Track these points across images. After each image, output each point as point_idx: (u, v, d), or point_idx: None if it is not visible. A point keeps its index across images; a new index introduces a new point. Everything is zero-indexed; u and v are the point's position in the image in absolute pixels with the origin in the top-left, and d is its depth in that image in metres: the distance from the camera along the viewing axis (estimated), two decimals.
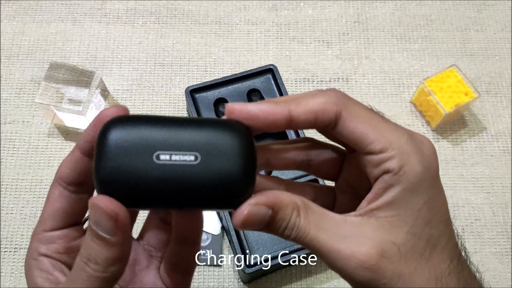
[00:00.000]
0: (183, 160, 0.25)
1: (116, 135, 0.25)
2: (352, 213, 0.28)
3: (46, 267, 0.28)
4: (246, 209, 0.25)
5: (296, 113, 0.27)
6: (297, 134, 0.64)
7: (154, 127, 0.25)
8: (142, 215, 0.37)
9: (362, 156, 0.28)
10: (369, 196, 0.28)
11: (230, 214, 0.61)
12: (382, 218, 0.27)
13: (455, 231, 0.29)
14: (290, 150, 0.31)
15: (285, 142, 0.32)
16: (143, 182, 0.24)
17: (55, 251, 0.29)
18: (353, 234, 0.26)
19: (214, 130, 0.26)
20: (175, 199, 0.25)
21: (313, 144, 0.32)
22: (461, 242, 0.29)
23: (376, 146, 0.27)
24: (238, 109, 0.26)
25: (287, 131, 0.64)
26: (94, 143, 0.25)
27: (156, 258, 0.33)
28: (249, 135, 0.26)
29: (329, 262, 0.27)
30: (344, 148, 0.32)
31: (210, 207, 0.26)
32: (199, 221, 0.30)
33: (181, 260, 0.32)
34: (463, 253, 0.29)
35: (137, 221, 0.36)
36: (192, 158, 0.25)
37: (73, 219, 0.30)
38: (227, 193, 0.25)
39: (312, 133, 0.44)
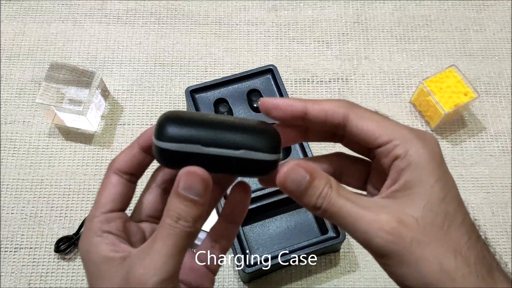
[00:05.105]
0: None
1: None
2: (375, 197, 0.32)
3: (112, 241, 0.32)
4: (289, 166, 0.31)
5: (312, 109, 0.32)
6: (301, 147, 0.64)
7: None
8: None
9: (375, 151, 0.32)
10: (387, 182, 0.32)
11: None
12: (401, 197, 0.31)
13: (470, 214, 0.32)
14: (323, 163, 0.36)
15: (319, 156, 0.36)
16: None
17: (116, 228, 0.33)
18: (376, 206, 0.31)
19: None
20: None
21: (343, 157, 0.36)
22: (477, 224, 0.32)
23: (382, 138, 0.31)
24: (268, 100, 0.33)
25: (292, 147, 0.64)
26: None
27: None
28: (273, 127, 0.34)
29: (353, 228, 0.30)
30: (369, 160, 0.35)
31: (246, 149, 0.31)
32: (246, 202, 0.36)
33: (222, 237, 0.37)
34: (481, 234, 0.32)
35: None
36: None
37: (126, 203, 0.35)
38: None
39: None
